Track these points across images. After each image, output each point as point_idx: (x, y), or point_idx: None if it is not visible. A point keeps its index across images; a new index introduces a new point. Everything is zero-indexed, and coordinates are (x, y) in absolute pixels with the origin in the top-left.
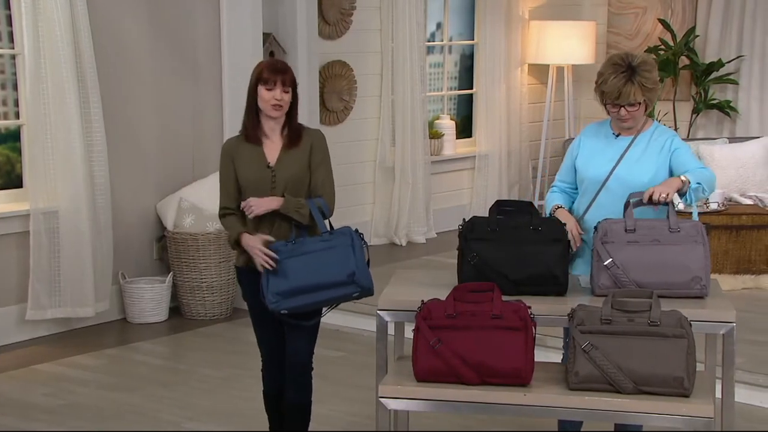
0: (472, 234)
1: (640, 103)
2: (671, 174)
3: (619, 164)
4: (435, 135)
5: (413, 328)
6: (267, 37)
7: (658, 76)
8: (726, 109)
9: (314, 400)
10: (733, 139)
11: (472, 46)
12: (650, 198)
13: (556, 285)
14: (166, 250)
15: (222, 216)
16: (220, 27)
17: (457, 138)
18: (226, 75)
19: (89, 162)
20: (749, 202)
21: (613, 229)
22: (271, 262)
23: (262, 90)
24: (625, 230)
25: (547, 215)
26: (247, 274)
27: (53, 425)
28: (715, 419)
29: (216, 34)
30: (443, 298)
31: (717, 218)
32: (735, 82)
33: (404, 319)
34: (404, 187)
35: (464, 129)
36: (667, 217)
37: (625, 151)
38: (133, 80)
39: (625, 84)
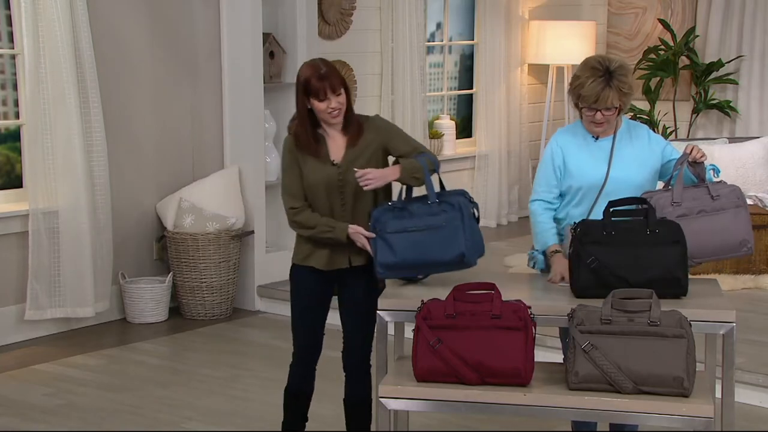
0: (588, 237)
1: (616, 108)
2: (662, 168)
3: (611, 166)
4: (435, 135)
5: (413, 328)
6: (267, 37)
7: (633, 80)
8: (726, 109)
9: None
10: (733, 139)
11: (472, 46)
12: (689, 156)
13: (678, 287)
14: (166, 250)
15: (295, 216)
16: (219, 27)
17: (457, 138)
18: (226, 75)
19: (89, 162)
20: (749, 202)
21: (660, 204)
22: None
23: (315, 102)
24: (672, 203)
25: (540, 253)
26: (303, 271)
27: (52, 425)
28: (714, 419)
29: (216, 34)
30: (443, 298)
31: None
32: (735, 82)
33: (404, 319)
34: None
35: (464, 129)
36: (697, 181)
37: (612, 151)
38: (133, 80)
39: (604, 89)
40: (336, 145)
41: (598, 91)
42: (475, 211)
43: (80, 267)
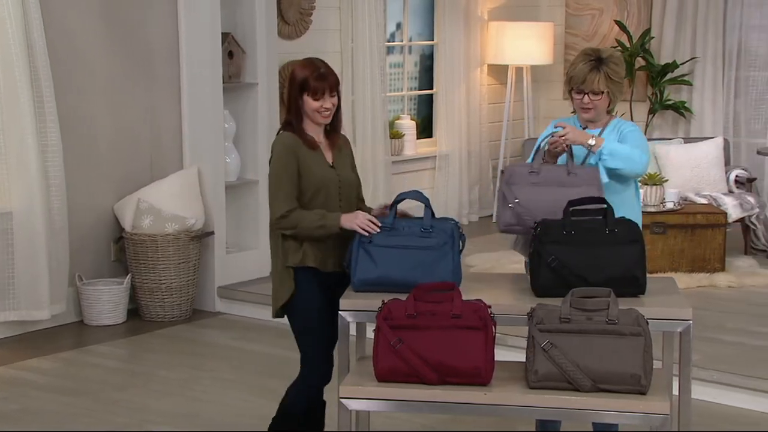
0: (548, 237)
1: (603, 93)
2: None
3: (589, 154)
4: (395, 135)
5: (374, 328)
6: (226, 36)
7: (625, 74)
8: (681, 109)
9: (274, 400)
10: (688, 140)
11: (432, 46)
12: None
13: (636, 286)
14: (123, 251)
15: (283, 217)
16: (177, 26)
17: (417, 138)
18: (185, 74)
19: (44, 162)
20: (704, 201)
21: (518, 172)
22: (375, 227)
23: (308, 99)
24: (530, 172)
25: (547, 134)
26: (306, 273)
27: (7, 429)
28: (671, 416)
29: (174, 34)
30: (404, 298)
31: (672, 217)
32: (689, 83)
33: (365, 319)
34: (365, 187)
35: (425, 129)
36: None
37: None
38: (89, 79)
39: (591, 71)
40: (323, 147)
41: (585, 72)
42: (461, 243)
43: (35, 269)
